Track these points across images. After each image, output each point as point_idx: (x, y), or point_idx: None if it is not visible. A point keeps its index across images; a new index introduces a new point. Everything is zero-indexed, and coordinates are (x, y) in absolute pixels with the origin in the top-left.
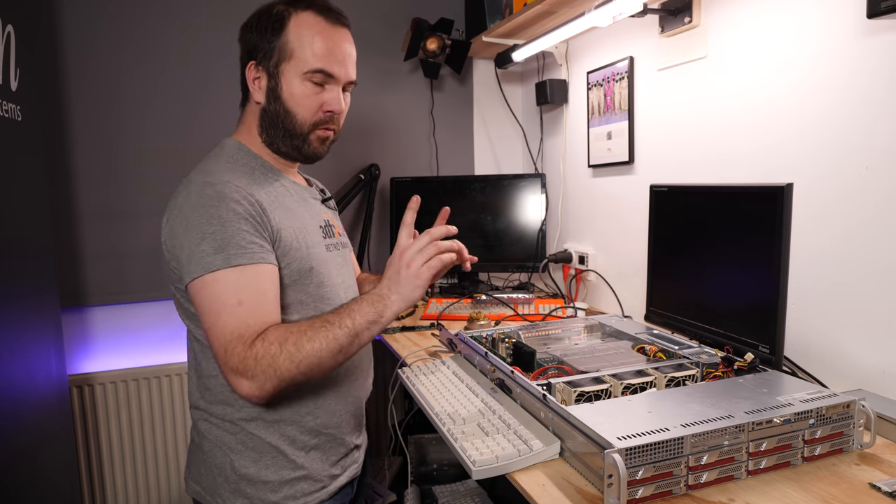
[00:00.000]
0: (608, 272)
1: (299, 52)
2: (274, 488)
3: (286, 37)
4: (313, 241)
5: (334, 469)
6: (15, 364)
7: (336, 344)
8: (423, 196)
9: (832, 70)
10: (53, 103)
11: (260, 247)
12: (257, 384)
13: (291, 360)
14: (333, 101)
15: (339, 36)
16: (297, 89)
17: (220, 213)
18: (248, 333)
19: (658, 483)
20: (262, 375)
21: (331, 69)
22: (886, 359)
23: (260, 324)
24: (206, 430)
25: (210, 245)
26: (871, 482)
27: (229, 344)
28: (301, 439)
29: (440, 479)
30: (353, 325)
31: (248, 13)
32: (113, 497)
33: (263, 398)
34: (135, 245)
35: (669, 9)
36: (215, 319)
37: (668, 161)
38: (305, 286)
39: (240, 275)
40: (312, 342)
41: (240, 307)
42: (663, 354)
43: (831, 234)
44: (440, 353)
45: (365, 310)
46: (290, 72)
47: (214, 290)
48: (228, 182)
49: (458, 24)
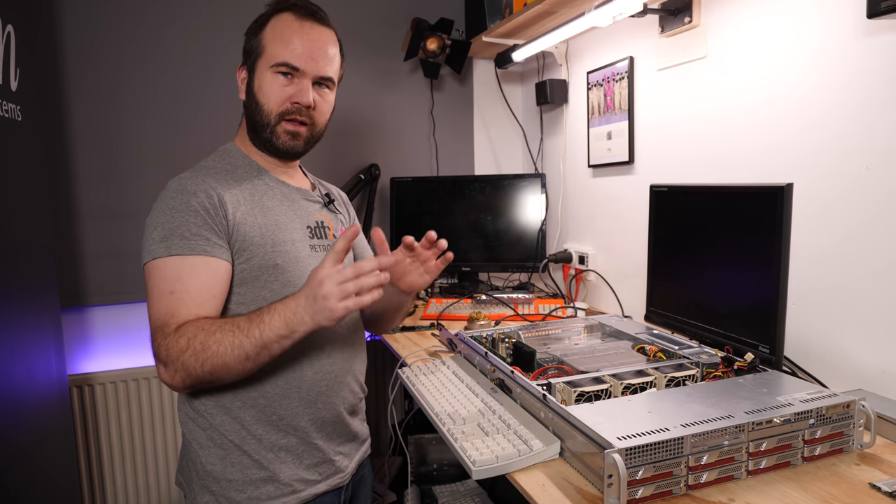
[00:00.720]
0: (608, 272)
1: (270, 47)
2: (238, 487)
3: (262, 35)
4: (287, 239)
5: (308, 474)
6: (15, 364)
7: (242, 352)
8: (423, 196)
9: (832, 70)
10: (53, 103)
11: (205, 240)
12: (169, 373)
13: (196, 358)
14: (299, 94)
15: (312, 32)
16: (265, 82)
17: (173, 205)
18: (171, 323)
19: (658, 483)
20: (172, 366)
21: (295, 62)
22: (886, 359)
23: (185, 315)
24: (184, 422)
25: (158, 233)
26: (871, 482)
27: (156, 331)
28: (268, 439)
29: (440, 479)
30: (261, 336)
31: (248, 14)
32: (113, 497)
33: (178, 388)
34: (135, 245)
35: (669, 9)
36: (151, 304)
37: (668, 161)
38: (268, 283)
39: (178, 264)
40: (218, 345)
41: (171, 296)
42: (663, 354)
43: (831, 234)
44: (440, 353)
45: (276, 324)
46: (261, 66)
47: (154, 277)
48: (195, 177)
49: (458, 24)
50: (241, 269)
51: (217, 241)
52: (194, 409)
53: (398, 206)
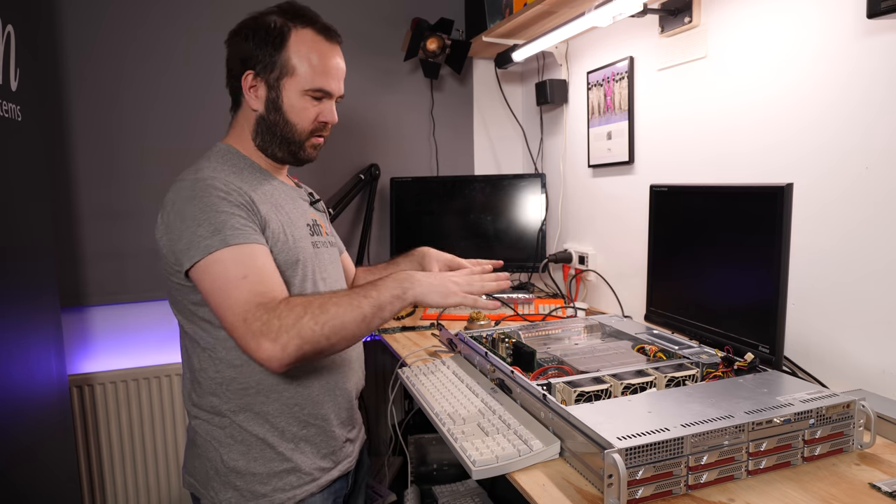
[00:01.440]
0: (608, 272)
1: (300, 69)
2: (263, 480)
3: (287, 53)
4: (300, 236)
5: (324, 462)
6: (15, 364)
7: (360, 312)
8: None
9: (832, 70)
10: (54, 104)
11: (253, 230)
12: (280, 346)
13: (316, 321)
14: (329, 114)
15: (335, 54)
16: (297, 103)
17: (212, 202)
18: (265, 299)
19: (658, 483)
20: (285, 335)
21: (328, 87)
22: (886, 359)
23: (273, 291)
24: (197, 425)
25: (206, 230)
26: (871, 482)
27: (248, 312)
28: (289, 431)
29: (440, 479)
30: (379, 296)
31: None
32: (113, 496)
33: (284, 361)
34: (135, 245)
35: (669, 9)
36: (225, 296)
37: (668, 161)
38: (291, 278)
39: (238, 253)
40: (338, 306)
41: (246, 280)
42: (663, 354)
43: (831, 234)
44: (440, 353)
45: (390, 284)
46: (291, 87)
47: (217, 270)
48: (217, 177)
49: (458, 24)
50: None
51: (261, 233)
52: (210, 410)
53: (398, 206)
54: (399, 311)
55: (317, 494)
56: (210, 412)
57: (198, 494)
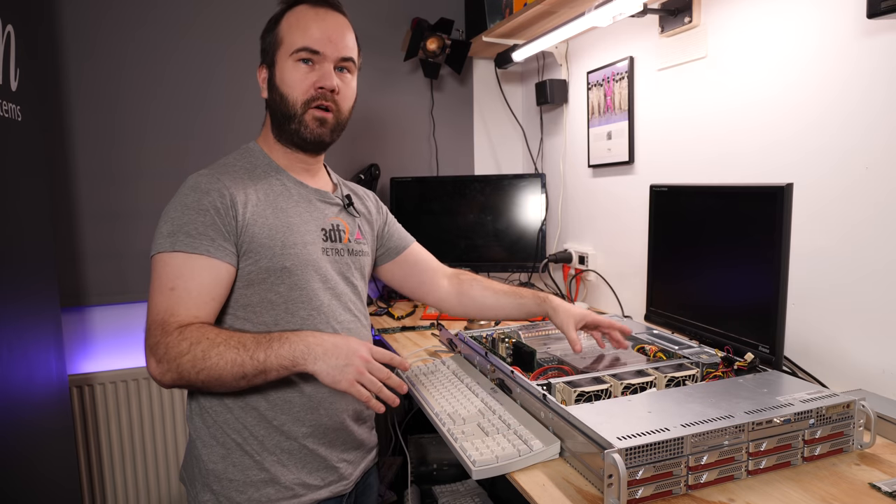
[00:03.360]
0: (608, 272)
1: (287, 37)
2: (239, 488)
3: (279, 29)
4: (298, 241)
5: (310, 479)
6: (15, 364)
7: (240, 370)
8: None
9: (832, 70)
10: (54, 104)
11: (210, 240)
12: (160, 370)
13: (193, 366)
14: (323, 78)
15: (328, 17)
16: (287, 72)
17: (185, 202)
18: (171, 321)
19: (658, 483)
20: (165, 364)
21: (315, 45)
22: (886, 359)
23: (184, 315)
24: (190, 418)
25: (167, 228)
26: (871, 482)
27: (152, 324)
28: (269, 440)
29: (440, 479)
30: (265, 360)
31: (248, 15)
32: (113, 497)
33: (164, 385)
34: (135, 245)
35: (669, 9)
36: (151, 297)
37: (668, 161)
38: (275, 285)
39: (181, 261)
40: (219, 358)
41: (172, 292)
42: (663, 354)
43: (831, 234)
44: (440, 353)
45: (284, 352)
46: (281, 58)
47: (157, 271)
48: (211, 175)
49: (458, 24)
50: (249, 270)
51: (222, 243)
52: (200, 404)
53: (398, 206)
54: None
55: None
56: (199, 410)
57: (187, 490)
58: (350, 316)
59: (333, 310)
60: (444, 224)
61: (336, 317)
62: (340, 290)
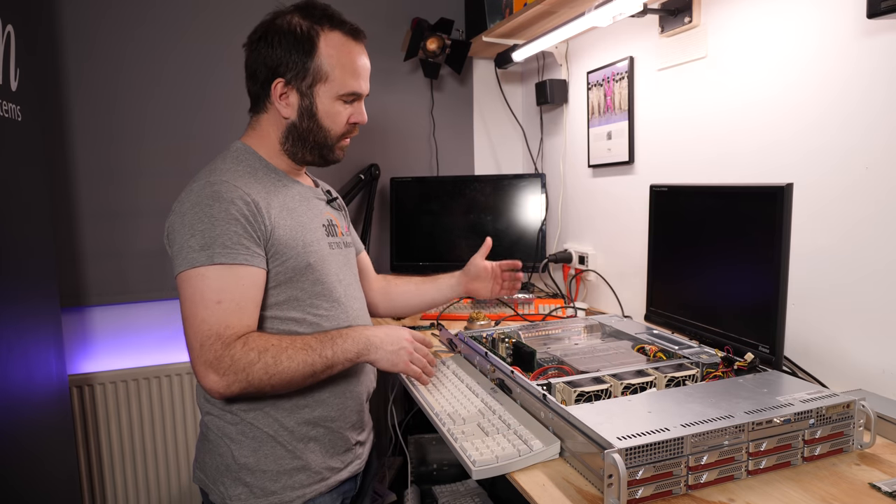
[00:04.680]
0: (608, 272)
1: (333, 75)
2: (272, 478)
3: (319, 59)
4: (313, 239)
5: (334, 462)
6: (15, 364)
7: (311, 369)
8: (423, 196)
9: (832, 70)
10: (53, 103)
11: (246, 248)
12: (225, 382)
13: (266, 371)
14: (360, 115)
15: (363, 54)
16: (331, 108)
17: (211, 213)
18: (227, 333)
19: (658, 483)
20: (233, 376)
21: (361, 90)
22: (886, 359)
23: (238, 326)
24: (209, 421)
25: (197, 241)
26: (871, 482)
27: (206, 340)
28: (299, 430)
29: (440, 479)
30: (333, 356)
31: (247, 16)
32: (113, 497)
33: (226, 396)
34: (135, 245)
35: (669, 9)
36: (194, 313)
37: (668, 161)
38: (301, 283)
39: (222, 273)
40: (291, 360)
41: (219, 305)
42: (663, 354)
43: (831, 234)
44: (440, 353)
45: (349, 346)
46: (325, 93)
47: (196, 285)
48: (227, 182)
49: (458, 24)
50: (277, 271)
51: (256, 250)
52: (222, 407)
53: (398, 206)
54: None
55: (326, 494)
56: (221, 409)
57: (206, 490)
58: (359, 304)
59: (348, 300)
60: (444, 224)
61: (351, 306)
62: (348, 282)
